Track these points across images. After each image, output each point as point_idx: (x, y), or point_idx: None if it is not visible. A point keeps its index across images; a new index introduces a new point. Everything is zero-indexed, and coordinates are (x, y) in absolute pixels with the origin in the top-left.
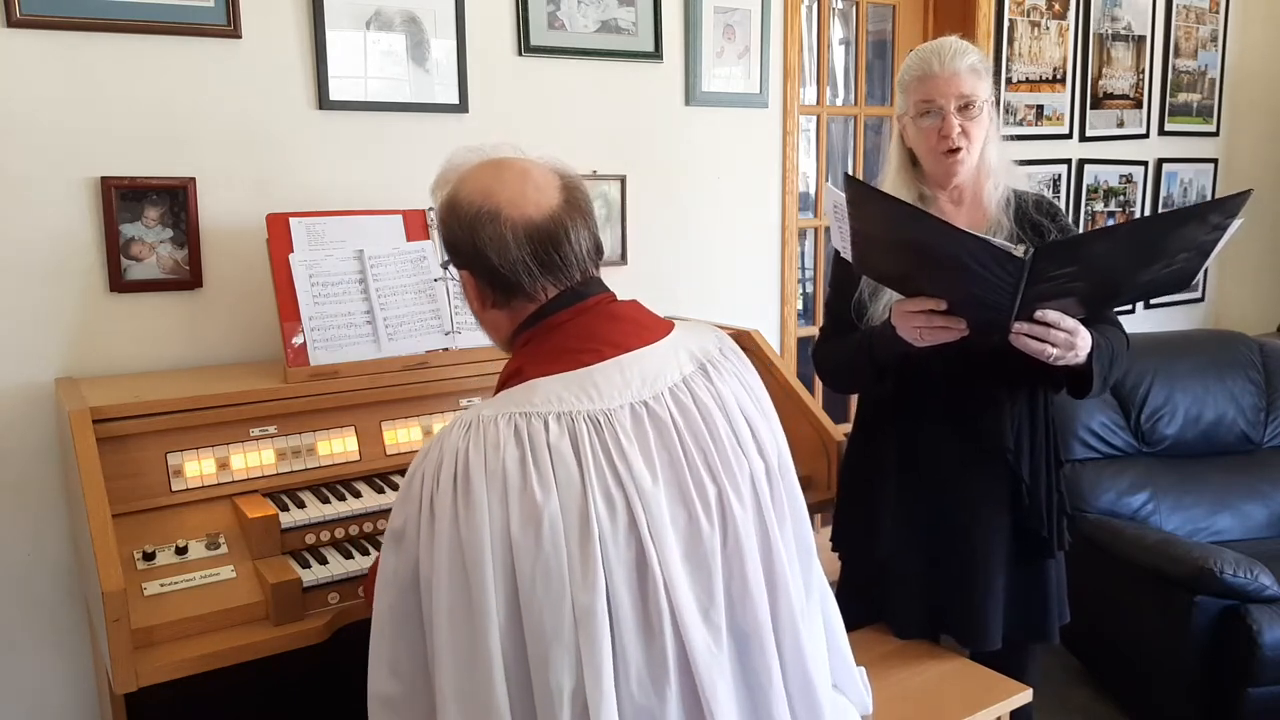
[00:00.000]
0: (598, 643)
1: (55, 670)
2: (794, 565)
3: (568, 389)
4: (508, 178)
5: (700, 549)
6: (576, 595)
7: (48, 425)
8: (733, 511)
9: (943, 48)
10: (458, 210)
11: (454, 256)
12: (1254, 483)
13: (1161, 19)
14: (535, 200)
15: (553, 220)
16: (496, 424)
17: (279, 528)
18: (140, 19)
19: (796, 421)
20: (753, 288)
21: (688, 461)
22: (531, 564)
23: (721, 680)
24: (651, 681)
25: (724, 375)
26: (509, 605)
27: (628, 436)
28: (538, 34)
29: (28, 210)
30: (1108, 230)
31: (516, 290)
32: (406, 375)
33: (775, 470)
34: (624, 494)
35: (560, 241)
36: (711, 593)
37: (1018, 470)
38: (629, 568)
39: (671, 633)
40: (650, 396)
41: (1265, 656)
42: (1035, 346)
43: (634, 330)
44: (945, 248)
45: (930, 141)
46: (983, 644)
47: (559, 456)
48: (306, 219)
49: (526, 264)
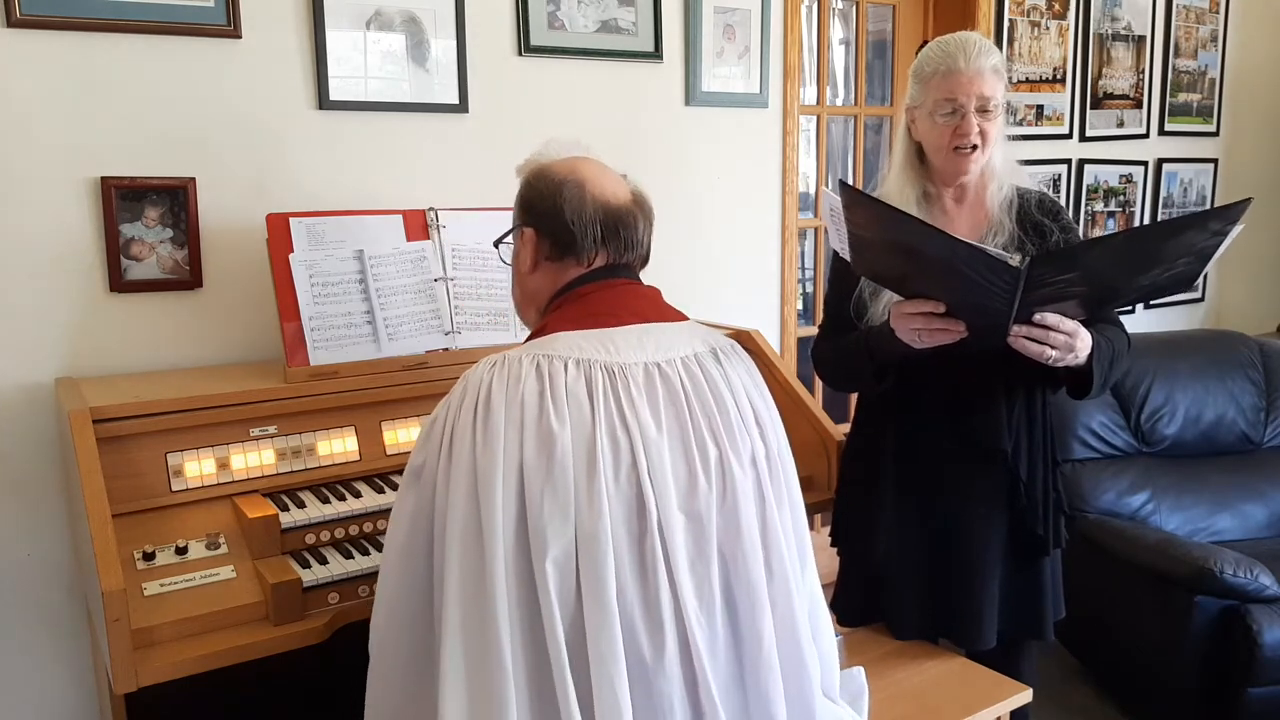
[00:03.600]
0: (601, 569)
1: (55, 670)
2: (790, 546)
3: (588, 342)
4: (594, 166)
5: (697, 503)
6: (581, 520)
7: (48, 425)
8: (732, 474)
9: (968, 44)
10: (547, 174)
11: (526, 215)
12: (1254, 483)
13: (1161, 19)
14: (614, 189)
15: (625, 207)
16: (520, 361)
17: (279, 528)
18: (140, 19)
19: (796, 421)
20: (753, 288)
21: (693, 422)
22: (541, 485)
23: (711, 634)
24: (649, 624)
25: (734, 363)
26: (517, 524)
27: (639, 389)
28: (538, 34)
29: (28, 210)
30: (1105, 239)
31: (572, 249)
32: (406, 375)
33: (776, 456)
34: (629, 438)
35: (628, 224)
36: (703, 547)
37: (1014, 469)
38: (628, 506)
39: (665, 577)
40: (663, 360)
41: (1265, 656)
42: (1034, 349)
43: (655, 309)
44: (940, 255)
45: (944, 138)
46: (977, 644)
47: (574, 397)
48: (306, 219)
49: (595, 227)
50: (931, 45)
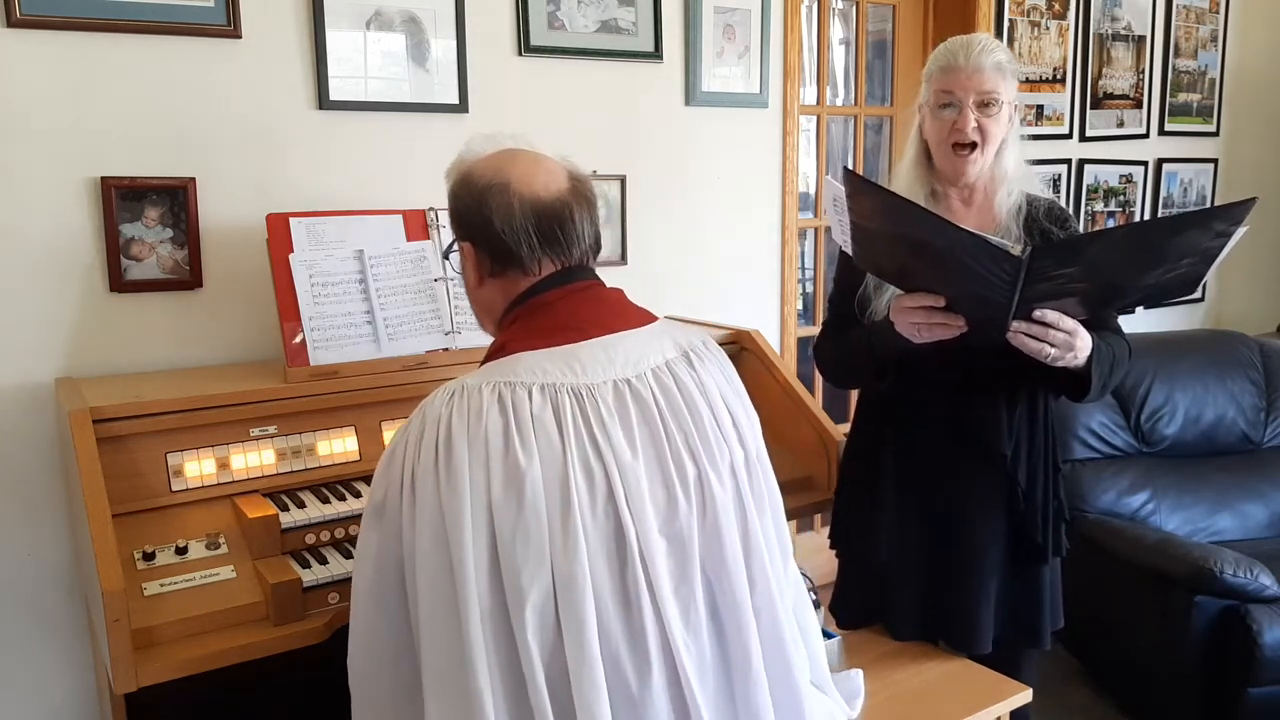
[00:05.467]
0: (580, 611)
1: (55, 670)
2: (773, 553)
3: (552, 363)
4: (521, 160)
5: (677, 525)
6: (557, 563)
7: (48, 425)
8: (711, 490)
9: (971, 42)
10: (470, 182)
11: (459, 228)
12: (1254, 483)
13: (1161, 19)
14: (544, 182)
15: (559, 201)
16: (480, 392)
17: (279, 528)
18: (140, 19)
19: (796, 421)
20: (753, 288)
21: (668, 440)
22: (512, 527)
23: (699, 657)
24: (633, 655)
25: (706, 364)
26: (490, 569)
27: (609, 411)
28: (538, 34)
29: (28, 210)
30: (1107, 231)
31: (514, 260)
32: (406, 375)
33: (754, 459)
34: (603, 466)
35: (564, 220)
36: (686, 569)
37: (1014, 475)
38: (607, 539)
39: (650, 606)
40: (633, 375)
41: (1265, 656)
42: (1033, 346)
43: (619, 315)
44: (942, 244)
45: (943, 134)
46: (973, 647)
47: (541, 426)
48: (306, 219)
49: (529, 234)
50: (940, 45)
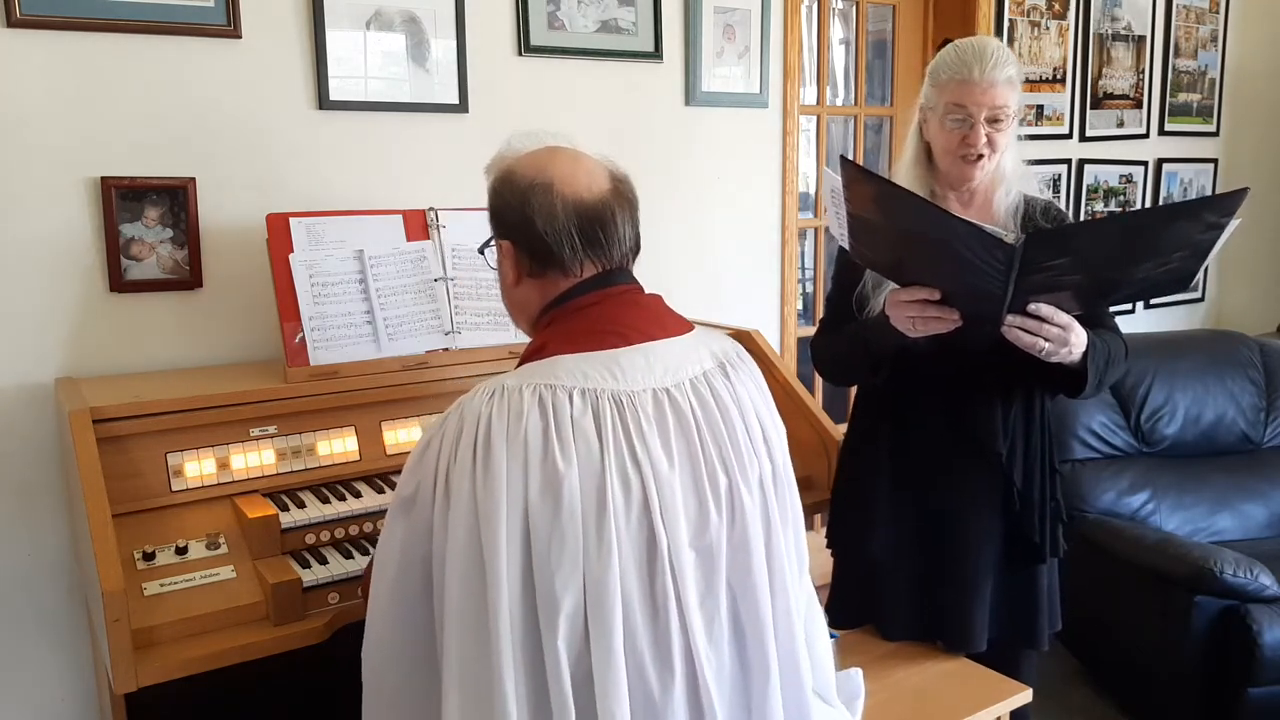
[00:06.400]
0: (610, 618)
1: (55, 670)
2: (794, 566)
3: (592, 367)
4: (562, 159)
5: (707, 538)
6: (589, 568)
7: (48, 425)
8: (742, 505)
9: (984, 54)
10: (512, 180)
11: (499, 226)
12: (1254, 483)
13: (1161, 19)
14: (586, 183)
15: (601, 202)
16: (521, 393)
17: (279, 528)
18: (140, 19)
19: (796, 421)
20: (753, 288)
21: (704, 452)
22: (548, 531)
23: (719, 668)
24: (657, 663)
25: (741, 377)
26: (522, 570)
27: (649, 420)
28: (538, 34)
29: (28, 210)
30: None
31: (554, 262)
32: (406, 375)
33: (781, 472)
34: (640, 476)
35: (606, 222)
36: (713, 581)
37: (1009, 474)
38: (639, 548)
39: (676, 617)
40: (672, 384)
41: (1265, 656)
42: (1028, 340)
43: (658, 322)
44: (937, 232)
45: (952, 145)
46: (967, 646)
47: (581, 431)
48: (306, 219)
49: (571, 236)
50: (949, 49)
